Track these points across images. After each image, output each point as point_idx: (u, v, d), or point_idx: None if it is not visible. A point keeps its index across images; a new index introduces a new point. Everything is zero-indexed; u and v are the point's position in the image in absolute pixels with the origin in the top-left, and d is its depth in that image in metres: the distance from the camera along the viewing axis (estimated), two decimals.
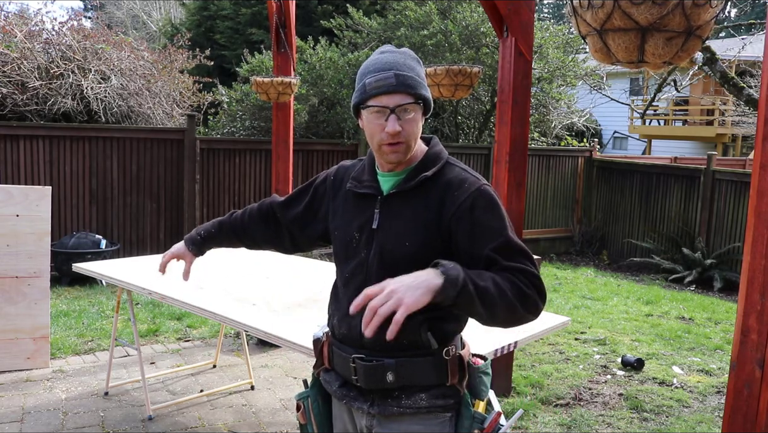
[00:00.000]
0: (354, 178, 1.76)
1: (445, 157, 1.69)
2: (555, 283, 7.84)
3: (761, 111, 2.08)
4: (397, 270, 1.53)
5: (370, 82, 1.60)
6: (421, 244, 1.60)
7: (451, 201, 1.60)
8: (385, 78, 1.58)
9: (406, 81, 1.59)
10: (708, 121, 17.31)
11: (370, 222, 1.67)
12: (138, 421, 3.71)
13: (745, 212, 7.72)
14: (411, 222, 1.62)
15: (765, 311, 2.08)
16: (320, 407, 1.82)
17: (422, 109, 1.64)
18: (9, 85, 7.24)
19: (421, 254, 1.58)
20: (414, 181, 1.64)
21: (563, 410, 4.09)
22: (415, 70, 1.63)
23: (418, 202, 1.63)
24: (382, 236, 1.65)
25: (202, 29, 14.53)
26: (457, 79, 4.19)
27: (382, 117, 1.59)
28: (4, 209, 4.32)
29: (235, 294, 3.27)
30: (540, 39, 9.37)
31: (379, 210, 1.67)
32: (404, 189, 1.65)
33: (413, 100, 1.59)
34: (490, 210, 1.59)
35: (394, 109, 1.57)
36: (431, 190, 1.63)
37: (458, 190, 1.60)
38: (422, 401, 1.64)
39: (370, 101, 1.59)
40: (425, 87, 1.64)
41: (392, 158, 1.63)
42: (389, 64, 1.61)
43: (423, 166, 1.66)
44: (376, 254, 1.65)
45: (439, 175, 1.65)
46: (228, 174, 7.68)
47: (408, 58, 1.65)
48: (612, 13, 1.60)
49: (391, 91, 1.58)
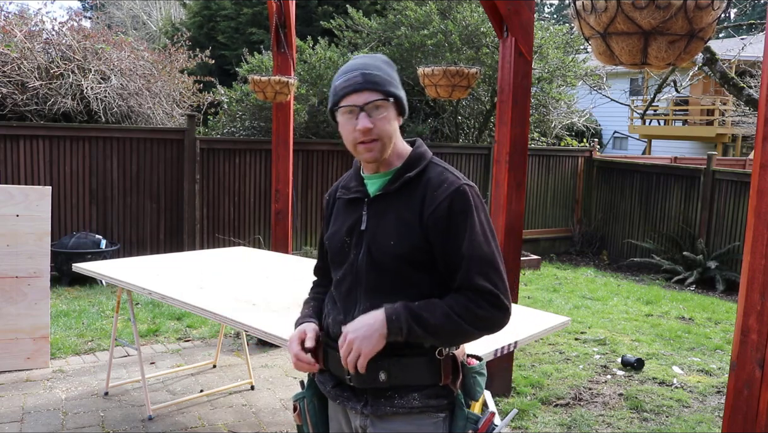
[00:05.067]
0: (343, 187, 1.81)
1: (428, 158, 1.72)
2: (555, 283, 7.84)
3: (761, 111, 2.08)
4: (385, 270, 1.63)
5: (340, 84, 1.65)
6: (406, 243, 1.63)
7: (431, 200, 1.63)
8: (352, 77, 1.63)
9: (373, 78, 1.62)
10: (708, 121, 17.31)
11: (359, 224, 1.71)
12: (138, 421, 3.71)
13: (745, 212, 7.72)
14: (395, 222, 1.65)
15: (765, 311, 2.08)
16: (316, 407, 1.83)
17: (395, 108, 1.67)
18: (9, 85, 7.24)
19: (406, 253, 1.63)
20: (398, 182, 1.68)
21: (563, 410, 4.09)
22: (383, 70, 1.66)
23: (402, 202, 1.67)
24: (369, 236, 1.68)
25: (203, 30, 14.53)
26: (454, 80, 4.19)
27: (354, 117, 1.62)
28: (4, 209, 4.32)
29: (235, 294, 3.27)
30: (540, 39, 9.37)
31: (366, 212, 1.71)
32: (389, 190, 1.69)
33: (382, 96, 1.62)
34: (465, 212, 1.62)
35: (363, 106, 1.61)
36: (414, 190, 1.67)
37: (438, 189, 1.64)
38: (415, 401, 1.65)
39: (341, 102, 1.64)
40: (396, 86, 1.67)
41: (367, 157, 1.66)
42: (356, 65, 1.66)
43: (406, 167, 1.69)
44: (365, 255, 1.68)
45: (421, 174, 1.68)
46: (228, 174, 7.68)
47: (377, 60, 1.69)
48: (615, 17, 1.60)
49: (359, 90, 1.61)
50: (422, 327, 1.56)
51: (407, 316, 1.57)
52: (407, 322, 1.56)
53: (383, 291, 1.64)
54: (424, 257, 1.64)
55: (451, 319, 1.57)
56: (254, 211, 7.89)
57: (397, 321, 1.56)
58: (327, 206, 1.87)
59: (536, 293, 7.24)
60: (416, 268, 1.65)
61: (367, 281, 1.67)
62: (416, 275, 1.64)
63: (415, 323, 1.56)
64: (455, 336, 1.63)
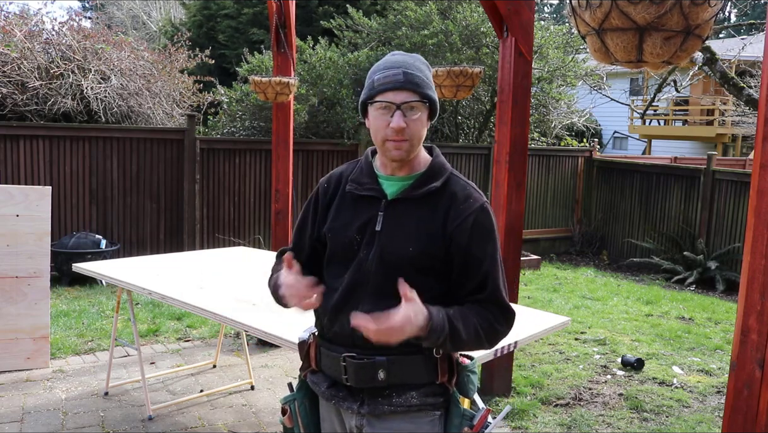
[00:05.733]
0: (353, 181, 1.75)
1: (449, 169, 1.76)
2: (555, 283, 7.84)
3: (761, 111, 2.08)
4: (394, 273, 1.61)
5: (379, 78, 1.64)
6: (423, 249, 1.65)
7: (456, 213, 1.67)
8: (393, 75, 1.63)
9: (414, 79, 1.63)
10: (708, 121, 17.31)
11: (372, 224, 1.69)
12: (138, 421, 3.71)
13: (745, 212, 7.72)
14: (416, 228, 1.67)
15: (765, 311, 2.08)
16: (307, 409, 1.82)
17: (428, 111, 1.67)
18: (9, 85, 7.24)
19: (420, 258, 1.65)
20: (422, 189, 1.69)
21: (563, 410, 4.09)
22: (423, 72, 1.68)
23: (425, 210, 1.68)
24: (384, 238, 1.67)
25: (203, 30, 14.53)
26: (458, 80, 4.20)
27: (388, 113, 1.62)
28: (4, 209, 4.32)
29: (235, 294, 3.27)
30: (540, 39, 9.37)
31: (384, 213, 1.69)
32: (412, 196, 1.69)
33: (419, 98, 1.63)
34: (487, 231, 1.69)
35: (400, 105, 1.61)
36: (439, 201, 1.69)
37: (464, 204, 1.69)
38: (413, 399, 1.66)
39: (378, 97, 1.63)
40: (432, 90, 1.68)
41: (395, 155, 1.65)
42: (398, 63, 1.66)
43: (430, 176, 1.71)
44: (376, 255, 1.67)
45: (445, 186, 1.71)
46: (228, 174, 7.68)
47: (418, 60, 1.70)
48: (610, 12, 1.60)
49: (398, 88, 1.62)
50: (453, 343, 1.60)
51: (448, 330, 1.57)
52: (444, 336, 1.57)
53: (389, 294, 1.60)
54: (439, 265, 1.66)
55: (478, 334, 1.63)
56: (254, 211, 7.89)
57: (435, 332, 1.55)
58: (324, 194, 1.79)
59: (536, 293, 7.24)
60: (426, 275, 1.65)
61: (374, 282, 1.66)
62: (425, 282, 1.64)
63: (450, 338, 1.58)
64: (469, 348, 1.69)
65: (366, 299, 1.65)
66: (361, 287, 1.67)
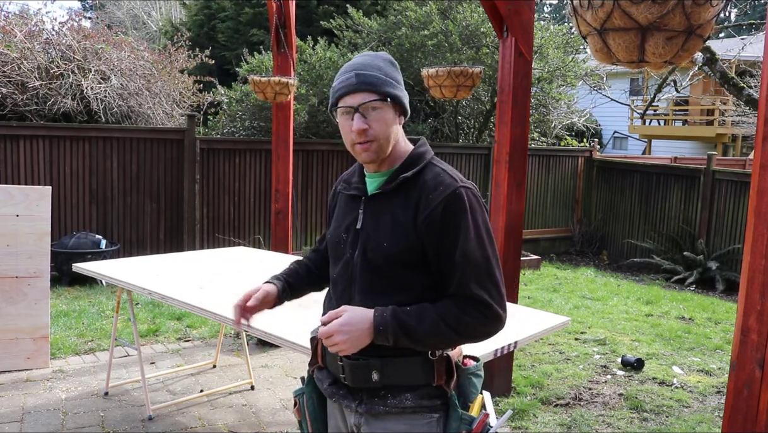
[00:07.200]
0: (345, 182, 1.81)
1: (428, 158, 1.70)
2: (555, 283, 7.84)
3: (761, 111, 2.08)
4: (379, 270, 1.62)
5: (336, 85, 1.66)
6: (400, 245, 1.62)
7: (426, 203, 1.61)
8: (346, 79, 1.63)
9: (367, 79, 1.61)
10: (708, 121, 17.31)
11: (355, 222, 1.71)
12: (138, 421, 3.71)
13: (745, 212, 7.72)
14: (390, 223, 1.64)
15: (765, 311, 2.08)
16: (315, 404, 1.84)
17: (393, 108, 1.65)
18: (9, 85, 7.24)
19: (400, 254, 1.62)
20: (395, 182, 1.66)
21: (563, 410, 4.09)
22: (382, 70, 1.64)
23: (398, 203, 1.65)
24: (365, 236, 1.67)
25: (204, 30, 14.52)
26: (458, 80, 4.20)
27: (350, 117, 1.63)
28: (4, 209, 4.32)
29: (235, 294, 3.27)
30: (540, 39, 9.36)
31: (363, 210, 1.70)
32: (386, 190, 1.67)
33: (378, 97, 1.61)
34: (459, 216, 1.59)
35: (358, 108, 1.61)
36: (410, 192, 1.65)
37: (433, 192, 1.61)
38: (408, 401, 1.65)
39: (339, 103, 1.64)
40: (394, 86, 1.65)
41: (364, 157, 1.66)
42: (352, 66, 1.65)
43: (404, 167, 1.68)
44: (360, 254, 1.67)
45: (418, 175, 1.66)
46: (228, 174, 7.68)
47: (378, 59, 1.67)
48: (612, 12, 1.60)
49: (353, 91, 1.61)
50: (409, 337, 1.56)
51: (395, 326, 1.56)
52: (394, 333, 1.56)
53: (377, 291, 1.63)
54: (418, 259, 1.62)
55: (440, 328, 1.56)
56: (254, 212, 7.89)
57: (384, 332, 1.56)
58: (332, 197, 1.88)
59: (536, 293, 7.24)
60: (410, 269, 1.63)
61: (361, 281, 1.67)
62: (410, 277, 1.63)
63: (402, 333, 1.56)
64: (443, 344, 1.62)
65: (356, 298, 1.67)
66: (351, 287, 1.69)
